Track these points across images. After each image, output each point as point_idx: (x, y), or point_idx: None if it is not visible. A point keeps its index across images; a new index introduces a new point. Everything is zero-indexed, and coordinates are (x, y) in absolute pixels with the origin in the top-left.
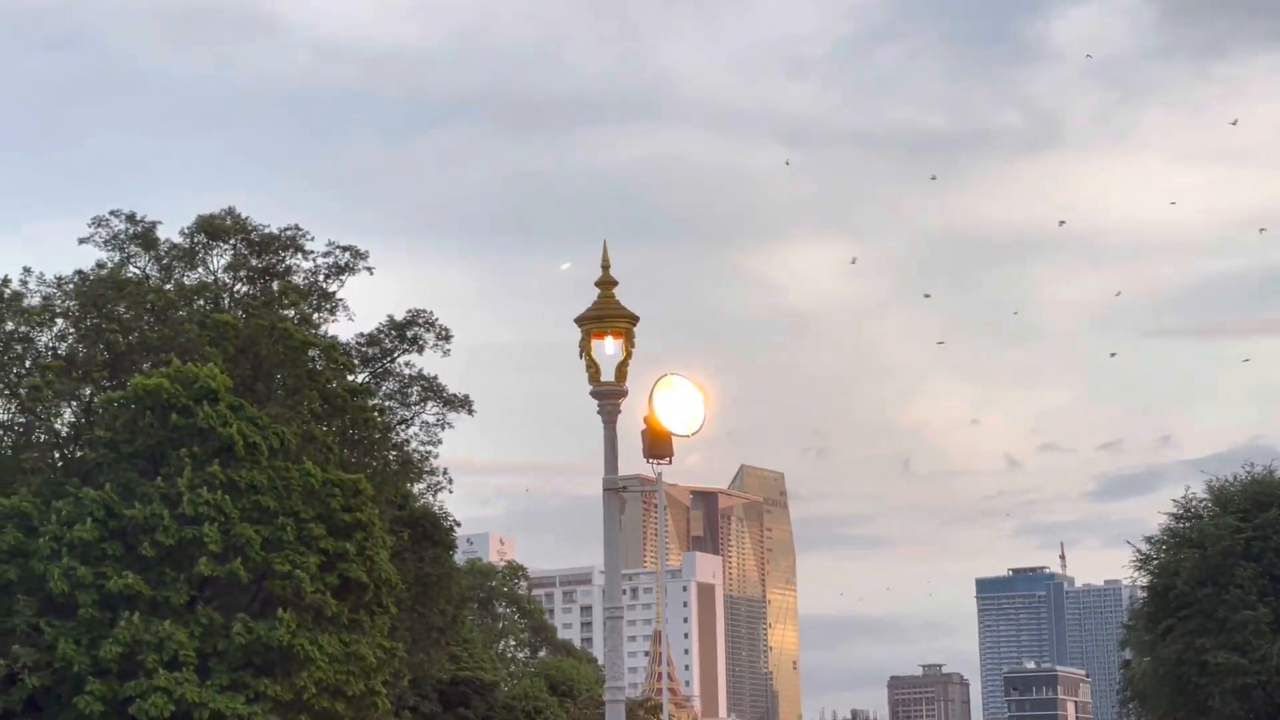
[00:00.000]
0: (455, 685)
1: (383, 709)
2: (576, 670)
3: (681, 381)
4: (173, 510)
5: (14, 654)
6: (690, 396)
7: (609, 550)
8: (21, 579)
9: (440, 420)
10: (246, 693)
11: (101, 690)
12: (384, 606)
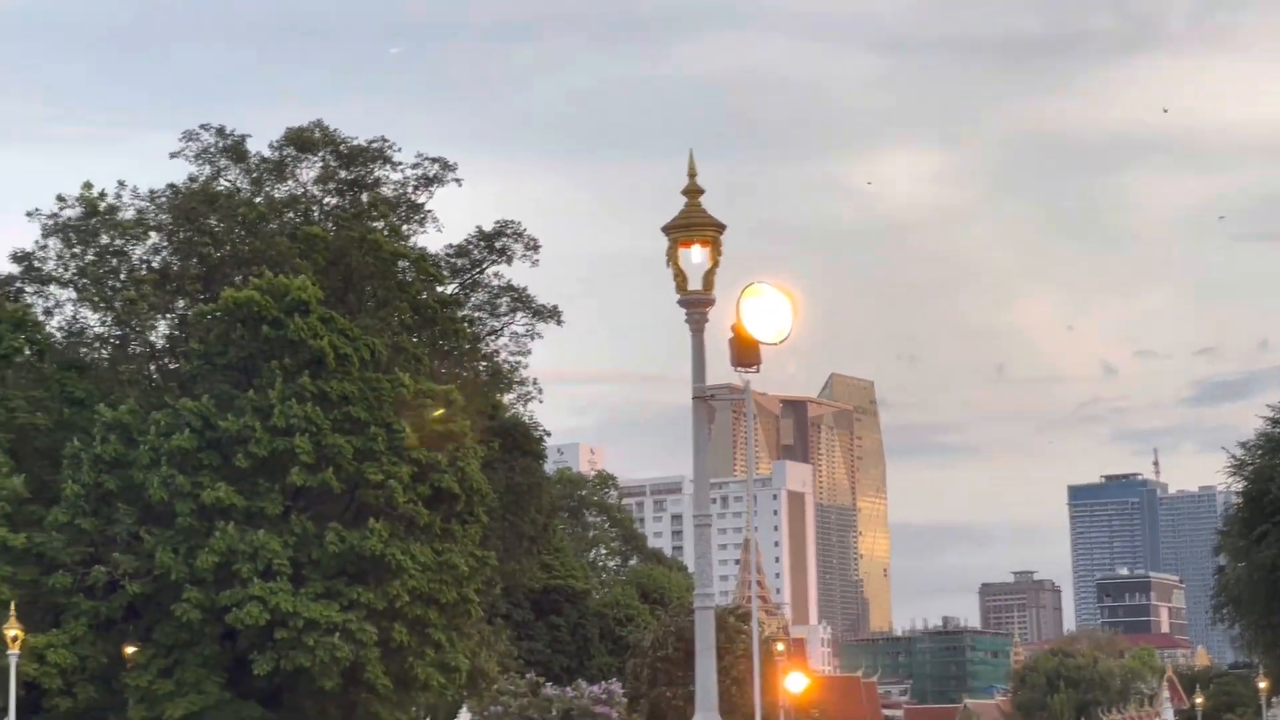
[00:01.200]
0: (547, 593)
1: (475, 617)
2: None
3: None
4: (265, 422)
5: (115, 561)
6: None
7: (697, 458)
8: (122, 488)
9: (529, 331)
10: (340, 601)
11: (199, 598)
12: (475, 516)
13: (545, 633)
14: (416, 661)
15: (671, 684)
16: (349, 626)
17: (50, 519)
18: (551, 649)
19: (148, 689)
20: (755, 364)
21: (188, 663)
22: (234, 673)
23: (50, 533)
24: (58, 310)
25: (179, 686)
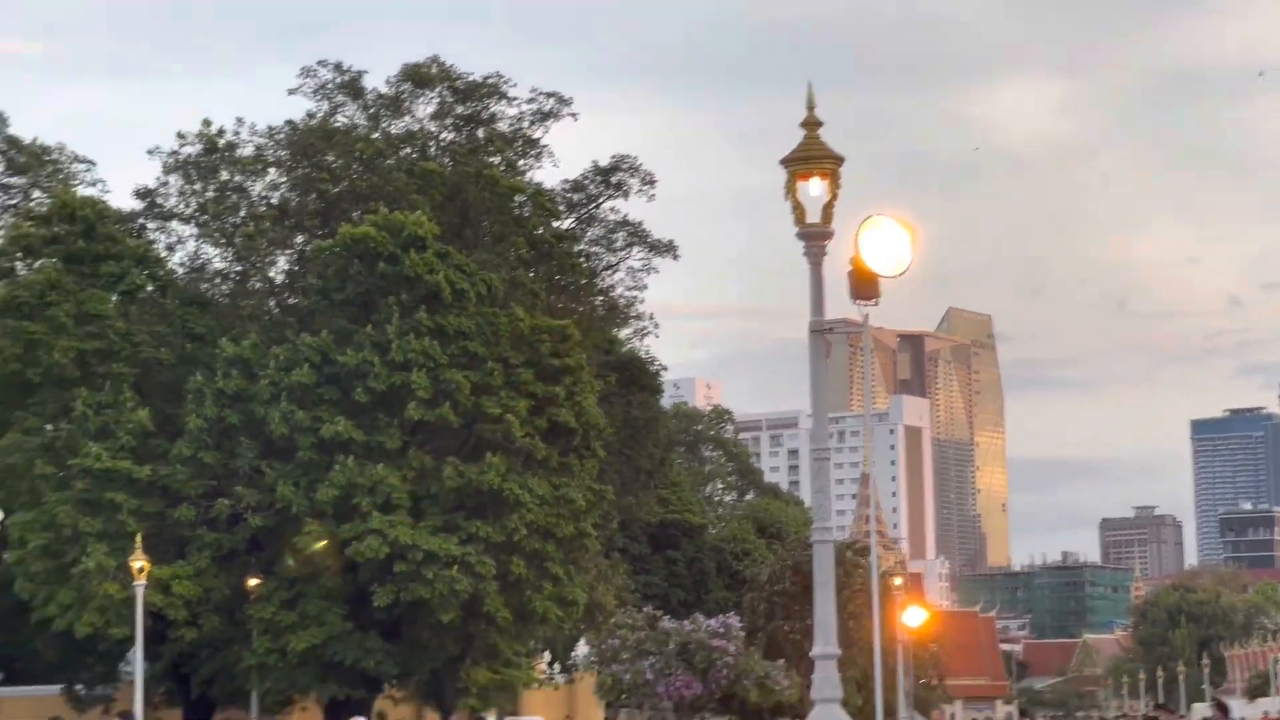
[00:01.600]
0: (664, 527)
1: (592, 550)
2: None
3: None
4: (383, 357)
5: (238, 494)
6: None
7: (815, 392)
8: (243, 422)
9: (646, 265)
10: (458, 534)
11: (319, 531)
12: (592, 450)
13: (662, 567)
14: (534, 595)
15: (789, 618)
16: (467, 560)
17: (174, 452)
18: (668, 583)
19: (271, 620)
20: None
21: (310, 595)
22: (355, 605)
23: (174, 466)
24: (179, 246)
25: (301, 619)
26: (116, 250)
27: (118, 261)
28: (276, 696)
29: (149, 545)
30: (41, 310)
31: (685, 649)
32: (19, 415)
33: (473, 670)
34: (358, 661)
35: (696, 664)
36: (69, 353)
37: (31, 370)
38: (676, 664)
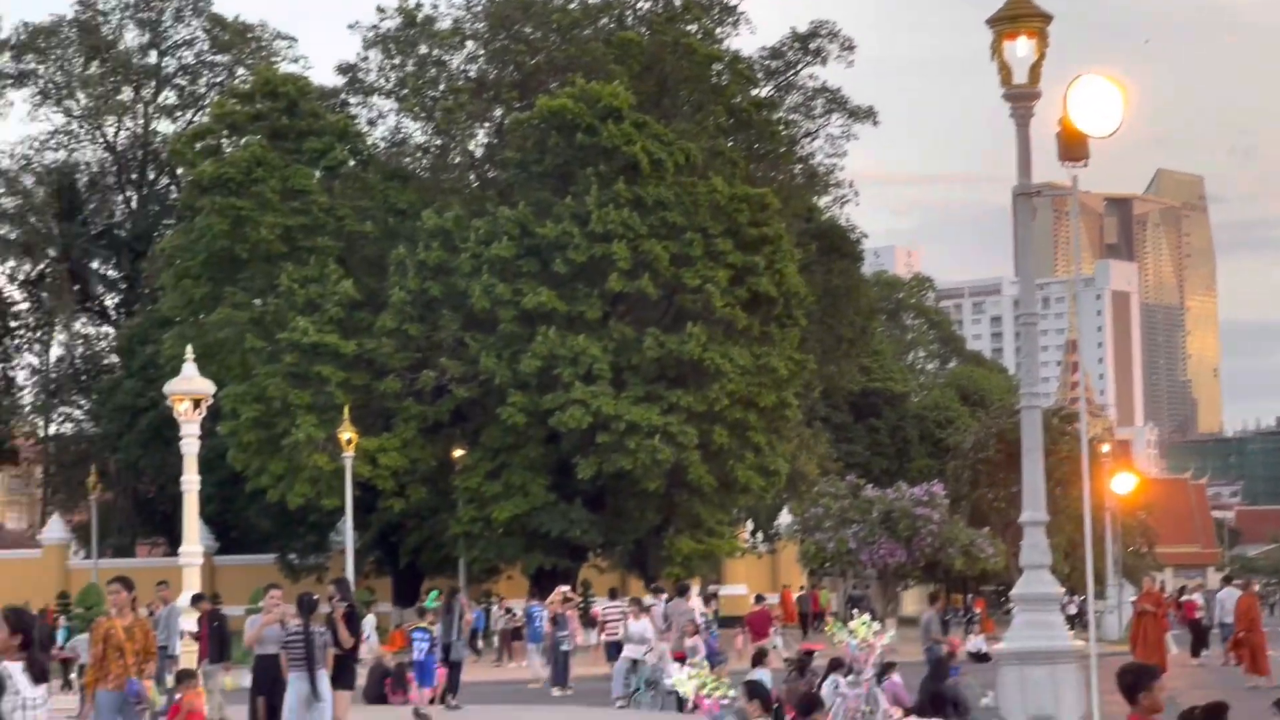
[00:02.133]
0: (865, 396)
1: (794, 420)
2: (987, 380)
3: (1098, 80)
4: (583, 228)
5: (442, 366)
6: (1107, 96)
7: (1022, 255)
8: (446, 295)
9: (845, 132)
10: (660, 404)
11: (523, 402)
12: (793, 319)
13: (864, 435)
14: (736, 464)
15: (993, 485)
16: (669, 430)
17: (379, 325)
18: (870, 452)
19: (476, 490)
20: (1082, 158)
21: (514, 465)
22: (558, 475)
23: (379, 339)
24: (380, 121)
25: (506, 488)
26: (319, 126)
27: (320, 137)
28: (483, 565)
29: (356, 417)
30: (248, 187)
31: (889, 517)
32: (228, 290)
33: (676, 539)
34: (563, 531)
35: (900, 532)
36: (275, 228)
37: (239, 246)
38: (880, 532)
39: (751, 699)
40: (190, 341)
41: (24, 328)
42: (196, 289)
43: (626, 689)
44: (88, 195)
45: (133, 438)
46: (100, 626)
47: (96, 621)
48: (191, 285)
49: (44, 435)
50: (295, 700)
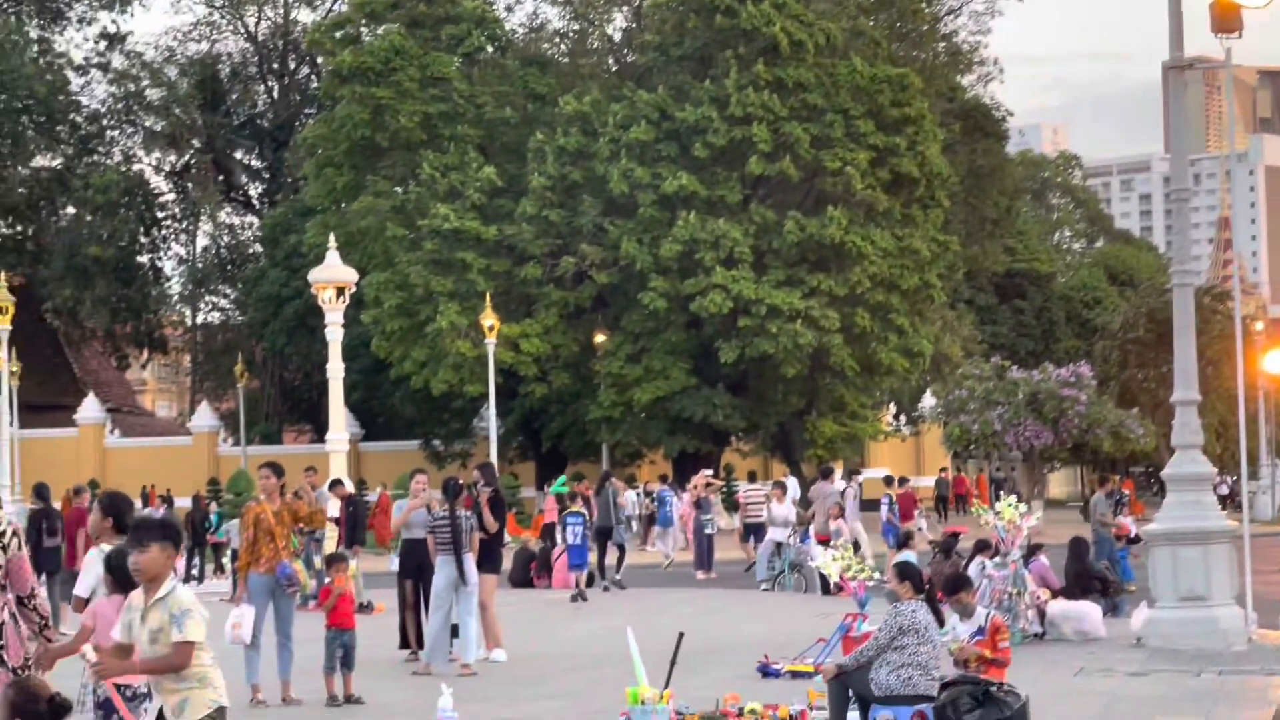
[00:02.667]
0: (1010, 277)
1: (938, 301)
2: (1136, 259)
3: None
4: (722, 111)
5: (582, 252)
6: None
7: (1174, 131)
8: (586, 180)
9: (989, 8)
10: (801, 288)
11: (663, 287)
12: (936, 200)
13: (1009, 317)
14: (879, 346)
15: (1143, 366)
16: (811, 313)
17: (519, 211)
18: (1016, 333)
19: (617, 375)
20: (1236, 30)
21: (655, 350)
22: (700, 360)
23: (520, 225)
24: (518, 6)
25: (647, 373)
26: (457, 13)
27: (458, 24)
28: (626, 450)
29: (498, 304)
30: (387, 75)
31: (1034, 399)
32: (370, 179)
33: (819, 423)
34: (705, 415)
35: (1046, 413)
36: (415, 116)
37: (380, 135)
38: (1025, 414)
39: (903, 580)
40: (333, 230)
41: (170, 219)
42: (338, 178)
43: (771, 572)
44: (230, 86)
45: (278, 326)
46: (250, 511)
47: (246, 506)
48: (333, 174)
49: (192, 324)
50: (443, 583)
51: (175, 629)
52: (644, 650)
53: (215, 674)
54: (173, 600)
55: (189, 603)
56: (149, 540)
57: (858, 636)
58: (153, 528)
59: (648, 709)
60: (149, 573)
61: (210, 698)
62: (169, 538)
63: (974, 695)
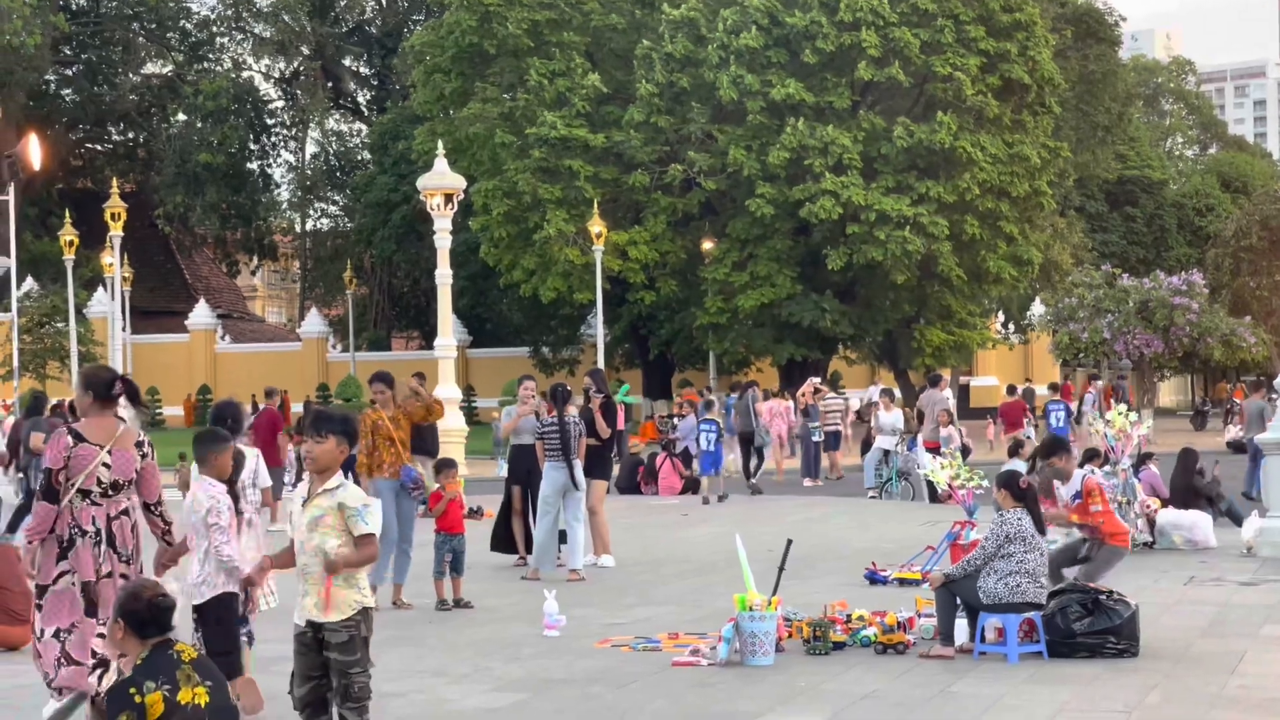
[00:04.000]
0: (1122, 184)
1: (1048, 209)
2: (1250, 165)
3: None
4: (831, 17)
5: (690, 159)
6: None
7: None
8: (693, 87)
9: None
10: (910, 195)
11: (771, 194)
12: (1047, 106)
13: (1120, 224)
14: (988, 254)
15: (1255, 274)
16: (920, 220)
17: (627, 119)
18: (1126, 240)
19: (724, 282)
20: None
21: (761, 257)
22: (807, 267)
23: (628, 132)
24: None
25: (753, 279)
26: None
27: None
28: (734, 357)
29: (606, 211)
30: None
31: (1145, 307)
32: (479, 86)
33: (927, 330)
34: (812, 322)
35: (1156, 321)
36: (522, 23)
37: (487, 42)
38: (1135, 322)
39: (1000, 489)
40: (441, 137)
41: (280, 125)
42: (446, 84)
43: (878, 479)
44: None
45: (387, 233)
46: (368, 418)
47: (364, 414)
48: (441, 81)
49: (301, 231)
50: (551, 489)
51: (360, 522)
52: (752, 557)
53: (361, 575)
54: (345, 494)
55: (365, 497)
56: (328, 431)
57: (966, 544)
58: (334, 420)
59: (755, 615)
60: (322, 463)
61: (355, 599)
62: (346, 433)
63: (1083, 604)
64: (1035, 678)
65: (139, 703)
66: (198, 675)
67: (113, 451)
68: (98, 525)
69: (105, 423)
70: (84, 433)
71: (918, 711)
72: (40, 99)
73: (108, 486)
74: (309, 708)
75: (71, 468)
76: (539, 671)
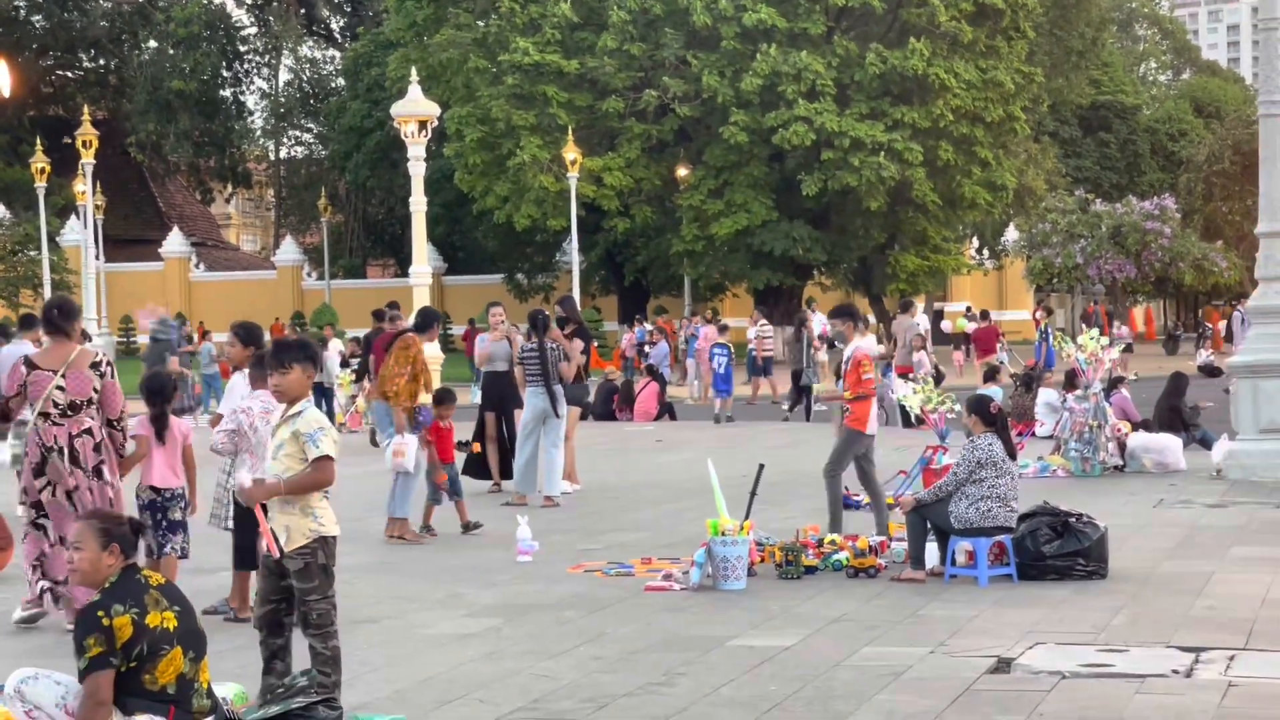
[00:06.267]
0: (1095, 109)
1: (1022, 134)
2: (1223, 91)
3: None
4: None
5: (664, 85)
6: None
7: None
8: (667, 13)
9: None
10: (884, 121)
11: (745, 120)
12: (1020, 31)
13: (1093, 149)
14: (963, 180)
15: (1228, 199)
16: (894, 146)
17: (600, 45)
18: (1100, 166)
19: (699, 209)
20: None
21: (737, 184)
22: (781, 194)
23: (601, 58)
24: None
25: (728, 206)
26: None
27: None
28: (708, 283)
29: (580, 138)
30: None
31: (1118, 232)
32: (451, 12)
33: (901, 256)
34: (786, 249)
35: (1129, 246)
36: None
37: None
38: (1108, 247)
39: (971, 414)
40: (414, 63)
41: (252, 52)
42: (419, 11)
43: None
44: None
45: (361, 159)
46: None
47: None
48: (414, 7)
49: (275, 158)
50: (531, 415)
51: (311, 445)
52: (724, 482)
53: (322, 505)
54: (303, 420)
55: (321, 421)
56: (291, 361)
57: (938, 469)
58: (294, 349)
59: (728, 540)
60: (290, 394)
61: (310, 527)
62: (309, 359)
63: (1052, 526)
64: (1005, 600)
65: (107, 625)
66: (165, 599)
67: (66, 375)
68: (59, 444)
69: (58, 349)
70: (37, 360)
71: (889, 634)
72: (10, 25)
73: (65, 407)
74: (266, 628)
75: (30, 393)
76: (512, 597)
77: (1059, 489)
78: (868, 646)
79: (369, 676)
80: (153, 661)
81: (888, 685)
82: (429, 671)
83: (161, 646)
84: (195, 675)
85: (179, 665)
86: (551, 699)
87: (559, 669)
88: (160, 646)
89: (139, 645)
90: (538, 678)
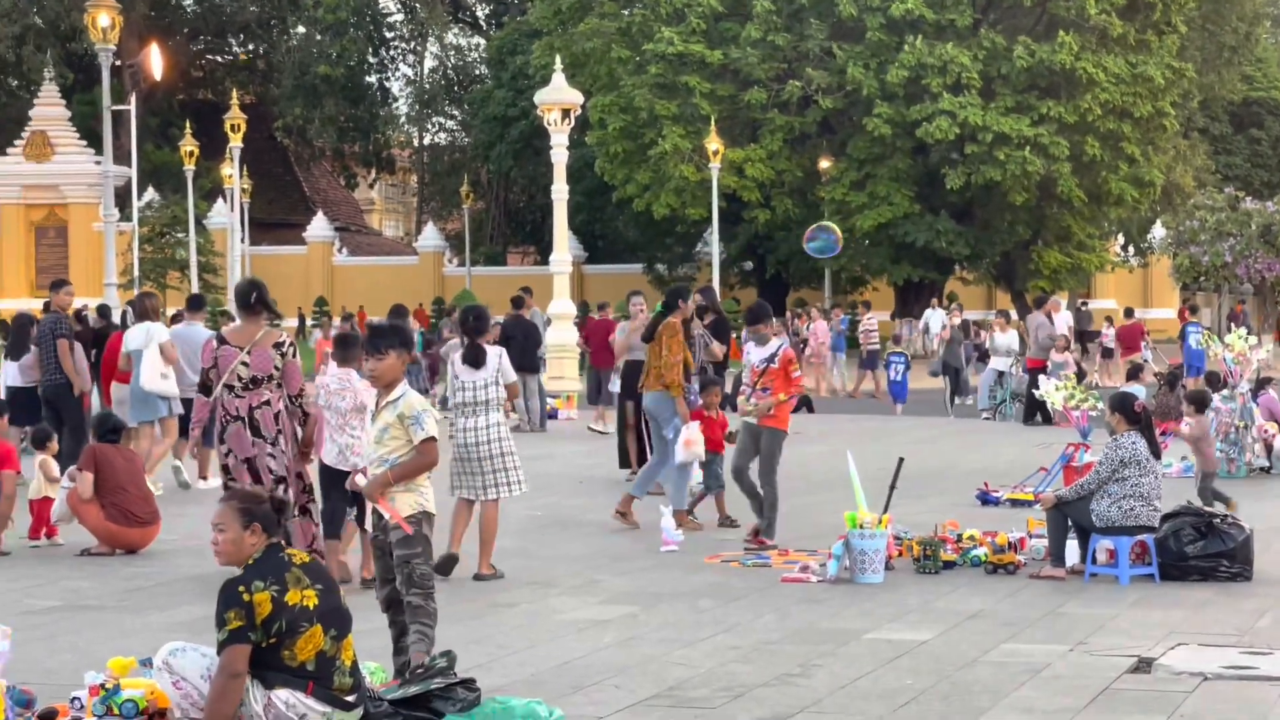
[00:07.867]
0: (1247, 105)
1: (1171, 130)
2: None
3: None
4: None
5: (808, 77)
6: None
7: None
8: (812, 3)
9: None
10: (1030, 115)
11: (889, 113)
12: (1171, 26)
13: (1244, 147)
14: (1109, 175)
15: None
16: (1040, 140)
17: (745, 35)
18: (1251, 163)
19: (841, 201)
20: None
21: (879, 176)
22: (924, 187)
23: (745, 49)
24: None
25: (871, 199)
26: None
27: None
28: (849, 276)
29: (722, 128)
30: None
31: (1268, 230)
32: (596, 0)
33: (1045, 252)
34: (929, 242)
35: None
36: None
37: None
38: (1258, 245)
39: (1114, 412)
40: (558, 52)
41: (399, 39)
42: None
43: (992, 401)
44: None
45: (504, 148)
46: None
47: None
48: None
49: (418, 145)
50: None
51: (417, 428)
52: (864, 475)
53: (425, 484)
54: (404, 403)
55: (423, 404)
56: (386, 347)
57: (1079, 466)
58: (388, 334)
59: (866, 533)
60: (386, 378)
61: (416, 500)
62: (404, 344)
63: (1196, 527)
64: (1146, 600)
65: (247, 600)
66: (308, 578)
67: (251, 352)
68: (241, 414)
69: (248, 328)
70: (228, 337)
71: (1027, 631)
72: (162, 10)
73: (248, 381)
74: (390, 607)
75: (219, 367)
76: (648, 585)
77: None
78: (1006, 643)
79: (506, 660)
80: (292, 638)
81: (1026, 682)
82: (565, 656)
83: (301, 624)
84: (337, 653)
85: (319, 642)
86: (687, 686)
87: (694, 657)
88: (299, 624)
89: (278, 621)
90: (673, 665)
